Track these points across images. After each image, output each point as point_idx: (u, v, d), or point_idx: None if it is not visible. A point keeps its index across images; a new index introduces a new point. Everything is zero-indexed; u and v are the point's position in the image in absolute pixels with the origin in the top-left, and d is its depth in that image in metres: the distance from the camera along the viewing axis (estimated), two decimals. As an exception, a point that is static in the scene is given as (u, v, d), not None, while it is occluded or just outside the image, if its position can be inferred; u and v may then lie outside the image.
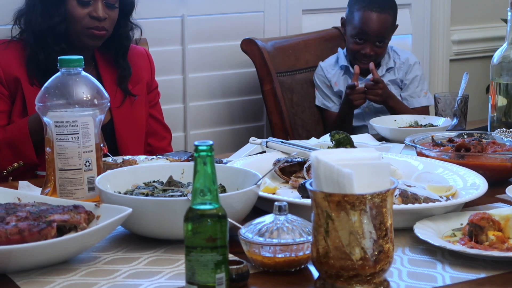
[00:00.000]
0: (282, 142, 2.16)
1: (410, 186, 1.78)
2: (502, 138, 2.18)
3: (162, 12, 3.28)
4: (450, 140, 2.16)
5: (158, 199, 1.59)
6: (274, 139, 2.20)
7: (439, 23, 3.97)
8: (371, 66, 2.99)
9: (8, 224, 1.49)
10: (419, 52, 3.86)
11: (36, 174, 2.32)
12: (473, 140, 2.12)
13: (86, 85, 1.81)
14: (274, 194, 1.83)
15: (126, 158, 2.09)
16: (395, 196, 1.69)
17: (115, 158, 2.13)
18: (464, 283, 1.44)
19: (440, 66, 4.02)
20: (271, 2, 3.51)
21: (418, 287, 1.42)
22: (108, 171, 1.78)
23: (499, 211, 1.61)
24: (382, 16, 3.06)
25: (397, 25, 3.16)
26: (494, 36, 3.99)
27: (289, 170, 1.98)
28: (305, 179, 1.87)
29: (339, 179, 1.32)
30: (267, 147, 2.20)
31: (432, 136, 2.20)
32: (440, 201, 1.73)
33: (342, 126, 3.04)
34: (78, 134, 1.78)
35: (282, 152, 2.12)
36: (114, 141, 2.49)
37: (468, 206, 1.80)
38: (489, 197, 1.85)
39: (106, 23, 2.41)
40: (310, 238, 1.41)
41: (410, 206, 1.65)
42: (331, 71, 3.21)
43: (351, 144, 2.11)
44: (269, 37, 3.43)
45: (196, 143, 1.32)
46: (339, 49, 3.25)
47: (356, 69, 3.01)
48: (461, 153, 2.02)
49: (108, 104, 1.84)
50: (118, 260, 1.54)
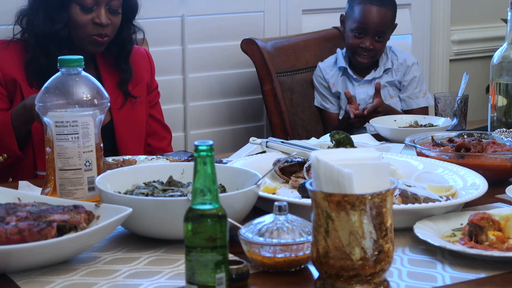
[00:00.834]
0: (282, 142, 2.15)
1: (410, 186, 1.78)
2: (502, 138, 2.18)
3: (162, 12, 3.28)
4: (450, 140, 2.16)
5: (158, 199, 1.59)
6: (274, 139, 2.20)
7: (439, 23, 3.97)
8: (377, 86, 2.98)
9: (8, 224, 1.49)
10: (419, 52, 3.86)
11: (36, 174, 2.32)
12: (473, 140, 2.12)
13: (86, 85, 1.81)
14: (274, 194, 1.83)
15: (126, 158, 2.09)
16: (395, 196, 1.69)
17: (115, 158, 2.13)
18: (464, 283, 1.44)
19: (440, 66, 4.02)
20: (271, 2, 3.51)
21: (418, 287, 1.42)
22: (108, 171, 1.78)
23: (499, 211, 1.61)
24: (382, 10, 3.08)
25: (396, 24, 3.17)
26: (494, 36, 3.99)
27: (289, 170, 1.98)
28: (305, 179, 1.87)
29: (339, 179, 1.32)
30: (267, 147, 2.20)
31: (432, 136, 2.20)
32: (440, 201, 1.73)
33: (344, 129, 3.05)
34: (78, 134, 1.78)
35: (282, 152, 2.12)
36: (114, 142, 2.49)
37: (468, 206, 1.79)
38: (489, 197, 1.85)
39: (109, 29, 2.40)
40: (310, 238, 1.41)
41: (410, 206, 1.65)
42: (330, 72, 3.21)
43: (351, 144, 2.11)
44: (269, 37, 3.43)
45: (196, 143, 1.32)
46: (338, 50, 3.25)
47: (347, 93, 3.02)
48: (461, 153, 2.02)
49: (108, 104, 1.84)
50: (118, 260, 1.54)
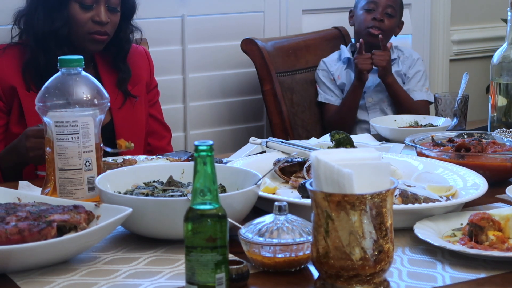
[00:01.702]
0: (282, 142, 2.15)
1: (410, 186, 1.79)
2: (502, 138, 2.18)
3: (162, 12, 3.28)
4: (450, 140, 2.16)
5: (158, 199, 1.59)
6: (274, 139, 2.20)
7: (439, 23, 3.98)
8: (381, 37, 3.08)
9: (8, 224, 1.49)
10: (419, 52, 3.85)
11: (36, 174, 2.32)
12: (473, 140, 2.12)
13: (86, 85, 1.81)
14: (274, 194, 1.83)
15: (126, 158, 2.09)
16: (395, 196, 1.69)
17: (115, 158, 2.13)
18: (464, 283, 1.44)
19: (440, 66, 4.02)
20: (271, 2, 3.51)
21: (418, 287, 1.42)
22: (108, 171, 1.78)
23: (499, 211, 1.61)
24: None
25: (402, 21, 3.23)
26: (494, 36, 3.99)
27: (289, 170, 1.98)
28: (305, 179, 1.87)
29: (339, 179, 1.32)
30: (267, 147, 2.20)
31: (432, 136, 2.20)
32: (440, 201, 1.73)
33: (346, 112, 3.09)
34: (78, 134, 1.78)
35: (282, 152, 2.12)
36: (114, 142, 2.47)
37: (468, 206, 1.80)
38: (489, 197, 1.85)
39: (108, 27, 2.39)
40: (310, 238, 1.41)
41: (410, 206, 1.65)
42: (334, 65, 3.25)
43: (351, 144, 2.11)
44: (269, 37, 3.43)
45: (196, 143, 1.32)
46: (342, 46, 3.29)
47: (360, 40, 3.09)
48: (461, 153, 2.02)
49: (108, 104, 1.84)
50: (118, 260, 1.54)
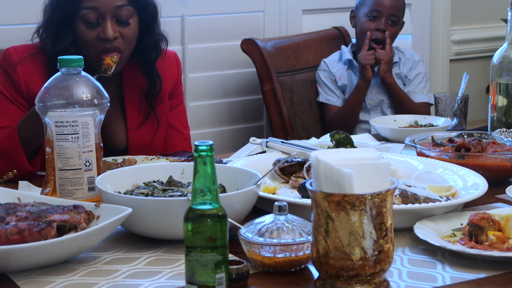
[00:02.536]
0: (282, 142, 2.15)
1: (410, 186, 1.78)
2: (502, 138, 2.18)
3: (162, 12, 3.27)
4: (450, 140, 2.16)
5: (158, 199, 1.59)
6: (274, 139, 2.20)
7: (439, 23, 3.98)
8: (386, 34, 3.11)
9: (8, 224, 1.49)
10: (419, 52, 3.86)
11: (36, 174, 2.32)
12: (473, 140, 2.12)
13: (86, 85, 1.81)
14: (274, 194, 1.83)
15: (126, 158, 2.09)
16: (395, 196, 1.69)
17: (115, 158, 2.13)
18: (464, 283, 1.44)
19: (440, 66, 4.02)
20: (271, 2, 3.51)
21: (418, 287, 1.42)
22: (108, 171, 1.78)
23: (499, 211, 1.61)
24: None
25: (403, 22, 3.23)
26: (494, 36, 3.99)
27: (289, 170, 1.98)
28: (305, 179, 1.87)
29: (339, 179, 1.32)
30: (267, 147, 2.20)
31: (432, 136, 2.20)
32: (440, 201, 1.73)
33: (348, 113, 3.10)
34: (78, 134, 1.78)
35: (282, 152, 2.12)
36: (126, 150, 2.36)
37: (468, 206, 1.79)
38: (489, 197, 1.85)
39: (119, 42, 2.20)
40: (310, 238, 1.41)
41: (410, 206, 1.65)
42: (335, 66, 3.26)
43: (351, 144, 2.11)
44: (269, 37, 3.43)
45: (196, 143, 1.32)
46: (343, 46, 3.29)
47: (368, 35, 3.12)
48: (461, 153, 2.02)
49: (108, 104, 1.84)
50: (118, 260, 1.54)
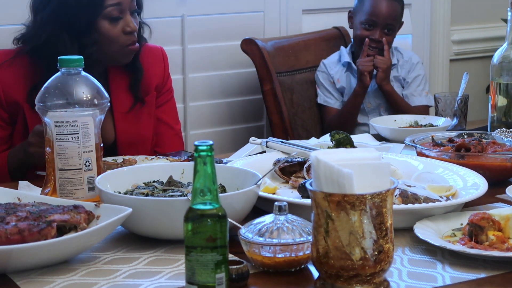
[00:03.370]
0: (282, 142, 2.15)
1: (410, 186, 1.78)
2: (502, 138, 2.17)
3: (162, 12, 3.28)
4: (450, 140, 2.16)
5: (158, 199, 1.59)
6: (274, 139, 2.20)
7: (439, 23, 3.98)
8: (384, 41, 3.09)
9: (8, 224, 1.49)
10: (419, 52, 3.86)
11: (36, 174, 2.32)
12: (473, 140, 2.12)
13: (86, 85, 1.81)
14: (274, 194, 1.83)
15: (126, 158, 2.09)
16: (395, 196, 1.69)
17: (115, 158, 2.13)
18: (464, 283, 1.44)
19: (440, 66, 4.02)
20: (271, 2, 3.51)
21: (418, 287, 1.42)
22: (108, 171, 1.78)
23: (499, 211, 1.61)
24: (391, 3, 3.15)
25: (402, 22, 3.21)
26: (494, 36, 3.99)
27: (289, 170, 1.98)
28: (305, 179, 1.87)
29: (339, 179, 1.32)
30: (267, 147, 2.20)
31: (432, 136, 2.20)
32: (440, 201, 1.73)
33: (346, 118, 3.10)
34: (78, 134, 1.78)
35: (282, 152, 2.12)
36: (115, 146, 2.39)
37: (468, 206, 1.79)
38: (489, 197, 1.85)
39: (136, 34, 2.29)
40: (310, 238, 1.41)
41: (410, 206, 1.65)
42: (334, 68, 3.24)
43: (351, 144, 2.11)
44: (269, 37, 3.43)
45: (196, 143, 1.32)
46: (342, 47, 3.28)
47: (366, 41, 3.10)
48: (461, 153, 2.02)
49: (108, 104, 1.84)
50: (118, 260, 1.54)
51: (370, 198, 1.32)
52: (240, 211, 1.62)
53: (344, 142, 2.11)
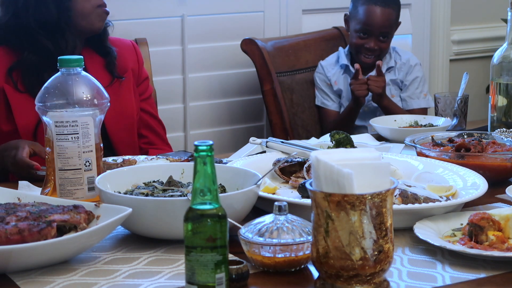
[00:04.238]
0: (282, 142, 2.15)
1: (410, 186, 1.78)
2: (502, 138, 2.18)
3: (162, 12, 3.28)
4: (450, 140, 2.16)
5: (158, 199, 1.59)
6: (274, 139, 2.20)
7: (439, 23, 3.98)
8: (379, 63, 3.01)
9: (8, 224, 1.49)
10: (419, 52, 3.86)
11: (36, 174, 2.32)
12: (473, 140, 2.12)
13: (86, 85, 1.81)
14: (274, 194, 1.83)
15: (126, 158, 2.09)
16: (395, 196, 1.69)
17: (115, 158, 2.13)
18: (464, 283, 1.44)
19: (440, 66, 4.02)
20: (271, 2, 3.51)
21: (418, 287, 1.42)
22: (108, 171, 1.78)
23: (499, 211, 1.61)
24: (386, 10, 3.09)
25: (399, 22, 3.18)
26: (494, 36, 3.99)
27: (289, 170, 1.98)
28: (305, 179, 1.87)
29: (339, 179, 1.32)
30: (267, 147, 2.20)
31: (432, 136, 2.20)
32: (440, 201, 1.73)
33: (343, 125, 3.06)
34: (78, 134, 1.78)
35: (282, 152, 2.12)
36: (104, 129, 2.45)
37: (468, 206, 1.80)
38: (489, 197, 1.85)
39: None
40: (310, 238, 1.41)
41: (410, 206, 1.65)
42: (331, 70, 3.22)
43: (351, 144, 2.11)
44: (269, 37, 3.43)
45: (196, 143, 1.32)
46: (340, 48, 3.26)
47: (356, 66, 3.03)
48: (461, 153, 2.02)
49: (108, 104, 1.84)
50: (118, 260, 1.54)
51: (370, 198, 1.32)
52: (240, 211, 1.62)
53: (344, 142, 2.11)
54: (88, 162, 1.79)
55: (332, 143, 2.13)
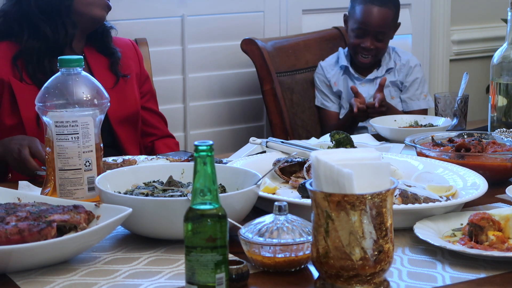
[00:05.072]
0: (282, 142, 2.16)
1: (410, 186, 1.78)
2: (502, 138, 2.18)
3: (162, 12, 3.28)
4: (450, 140, 2.16)
5: (158, 199, 1.59)
6: (274, 139, 2.20)
7: (439, 23, 3.98)
8: (382, 81, 2.98)
9: (8, 224, 1.49)
10: (419, 52, 3.86)
11: (36, 174, 2.32)
12: (473, 140, 2.12)
13: (86, 85, 1.81)
14: (274, 194, 1.83)
15: (126, 158, 2.09)
16: (395, 196, 1.69)
17: (115, 158, 2.13)
18: (464, 283, 1.44)
19: (440, 66, 4.02)
20: (271, 2, 3.51)
21: (418, 287, 1.42)
22: (108, 171, 1.78)
23: (499, 211, 1.61)
24: (382, 10, 3.08)
25: (399, 23, 3.17)
26: (494, 36, 3.99)
27: (289, 170, 1.98)
28: (305, 179, 1.87)
29: (339, 179, 1.32)
30: (267, 147, 2.20)
31: (432, 136, 2.20)
32: (440, 201, 1.73)
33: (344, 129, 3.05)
34: (78, 134, 1.78)
35: (282, 152, 2.12)
36: (109, 123, 2.49)
37: (468, 206, 1.80)
38: (489, 197, 1.85)
39: None
40: (310, 238, 1.41)
41: (410, 206, 1.65)
42: (331, 71, 3.22)
43: (351, 144, 2.11)
44: (269, 37, 3.43)
45: (196, 143, 1.32)
46: (340, 49, 3.26)
47: (353, 88, 3.00)
48: (461, 153, 2.02)
49: (108, 104, 1.84)
50: (118, 260, 1.54)
51: (370, 198, 1.32)
52: (240, 211, 1.62)
53: (344, 142, 2.11)
54: (88, 162, 1.79)
55: (332, 143, 2.13)
